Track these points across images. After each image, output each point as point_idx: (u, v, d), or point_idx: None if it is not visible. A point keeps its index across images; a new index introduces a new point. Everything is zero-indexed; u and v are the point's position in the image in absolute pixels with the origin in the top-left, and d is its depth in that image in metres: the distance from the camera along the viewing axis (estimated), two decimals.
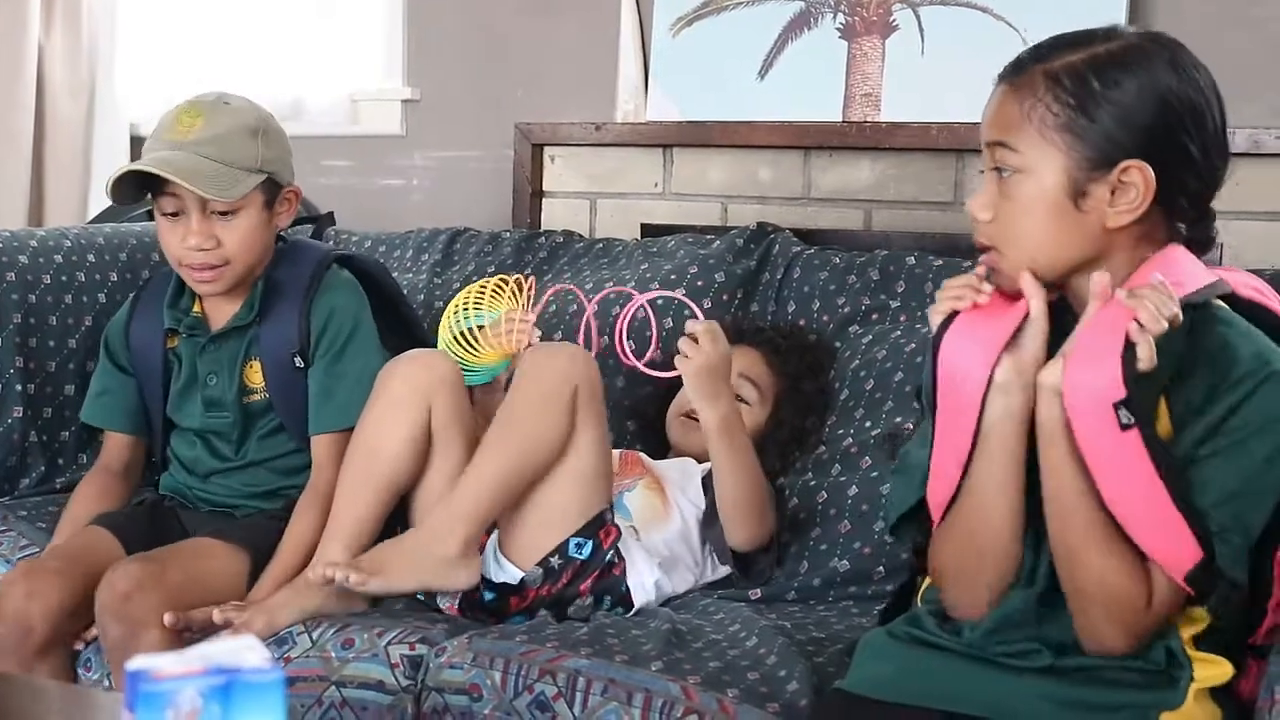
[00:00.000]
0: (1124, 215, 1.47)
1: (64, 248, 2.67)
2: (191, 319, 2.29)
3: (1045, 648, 1.52)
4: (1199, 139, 1.49)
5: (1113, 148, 1.46)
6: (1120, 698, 1.48)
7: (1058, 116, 1.46)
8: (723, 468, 2.10)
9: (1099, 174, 1.46)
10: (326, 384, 2.22)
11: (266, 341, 2.25)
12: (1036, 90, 1.47)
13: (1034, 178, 1.48)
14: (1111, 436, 1.41)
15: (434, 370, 2.09)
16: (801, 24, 2.85)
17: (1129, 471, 1.41)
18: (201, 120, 2.19)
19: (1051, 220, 1.48)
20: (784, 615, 2.06)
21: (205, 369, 2.28)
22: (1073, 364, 1.44)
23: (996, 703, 1.51)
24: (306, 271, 2.27)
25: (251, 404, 2.28)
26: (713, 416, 2.08)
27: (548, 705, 1.78)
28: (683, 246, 2.74)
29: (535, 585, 2.03)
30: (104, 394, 2.37)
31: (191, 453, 2.32)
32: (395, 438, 2.05)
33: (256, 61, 3.56)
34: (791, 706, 1.71)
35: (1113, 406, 1.40)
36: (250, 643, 1.05)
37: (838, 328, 2.52)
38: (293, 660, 1.94)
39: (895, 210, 2.76)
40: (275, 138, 2.26)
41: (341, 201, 3.32)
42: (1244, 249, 2.45)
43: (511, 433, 2.01)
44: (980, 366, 1.49)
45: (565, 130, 3.05)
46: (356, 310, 2.26)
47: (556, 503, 2.03)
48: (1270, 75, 2.48)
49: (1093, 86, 1.46)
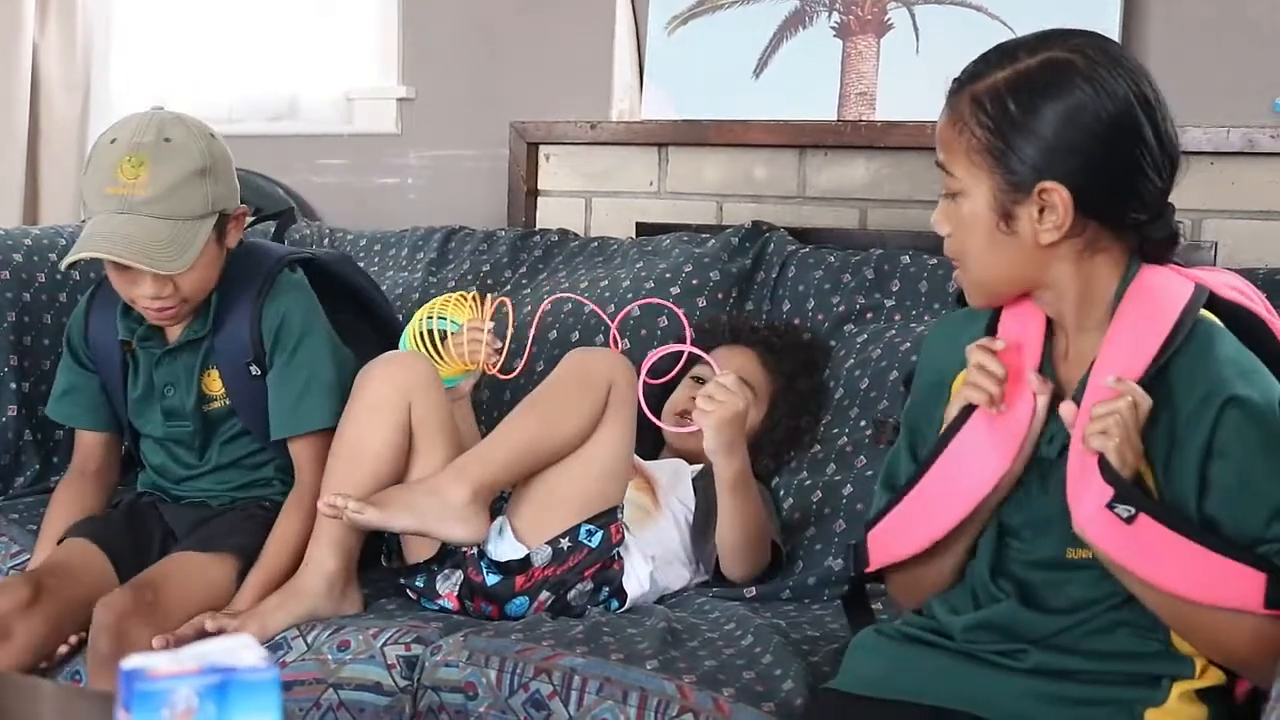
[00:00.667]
0: (1050, 234, 1.49)
1: (59, 246, 2.66)
2: (145, 330, 2.22)
3: (1031, 647, 1.53)
4: (1128, 147, 1.48)
5: (1029, 171, 1.48)
6: (1105, 694, 1.49)
7: (980, 141, 1.49)
8: (729, 517, 2.12)
9: (1021, 196, 1.49)
10: (285, 388, 2.18)
11: (221, 350, 2.21)
12: (964, 114, 1.50)
13: (969, 200, 1.51)
14: (1129, 536, 1.43)
15: (412, 370, 2.11)
16: (796, 23, 2.85)
17: (1165, 552, 1.43)
18: (145, 171, 2.06)
19: (989, 241, 1.52)
20: (779, 614, 2.07)
21: (162, 380, 2.24)
22: (1071, 503, 1.47)
23: (985, 699, 1.52)
24: (258, 277, 2.21)
25: (212, 411, 2.24)
26: (728, 470, 2.10)
27: (543, 703, 1.78)
28: (678, 245, 2.74)
29: (543, 565, 2.04)
30: (69, 392, 2.31)
31: (158, 459, 2.29)
32: (377, 439, 2.06)
33: (251, 59, 3.56)
34: (787, 706, 1.71)
35: (1107, 509, 1.43)
36: (245, 641, 1.05)
37: (833, 326, 2.52)
38: (289, 664, 1.94)
39: (890, 209, 2.76)
40: (221, 166, 2.13)
41: (336, 200, 3.33)
42: (1238, 248, 2.45)
43: (541, 406, 2.06)
44: (991, 471, 1.53)
45: (560, 129, 3.05)
46: (306, 311, 2.22)
47: (570, 487, 2.05)
48: (1265, 74, 2.48)
49: (1010, 111, 1.48)
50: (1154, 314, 1.49)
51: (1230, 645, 1.46)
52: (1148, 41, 2.47)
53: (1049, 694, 1.50)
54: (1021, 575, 1.56)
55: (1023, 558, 1.56)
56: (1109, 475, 1.42)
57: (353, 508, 1.95)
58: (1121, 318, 1.50)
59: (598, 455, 2.05)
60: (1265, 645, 1.45)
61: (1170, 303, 1.50)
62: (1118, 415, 1.42)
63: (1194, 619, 1.46)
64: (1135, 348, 1.48)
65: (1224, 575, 1.43)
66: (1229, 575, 1.43)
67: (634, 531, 2.15)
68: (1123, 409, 1.42)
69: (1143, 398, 1.44)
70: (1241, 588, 1.43)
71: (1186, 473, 1.46)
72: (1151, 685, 1.48)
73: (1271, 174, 2.44)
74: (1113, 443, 1.42)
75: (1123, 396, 1.43)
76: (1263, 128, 2.43)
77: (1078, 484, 1.47)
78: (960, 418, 1.56)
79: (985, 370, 1.53)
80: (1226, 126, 2.43)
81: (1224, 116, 2.43)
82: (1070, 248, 1.50)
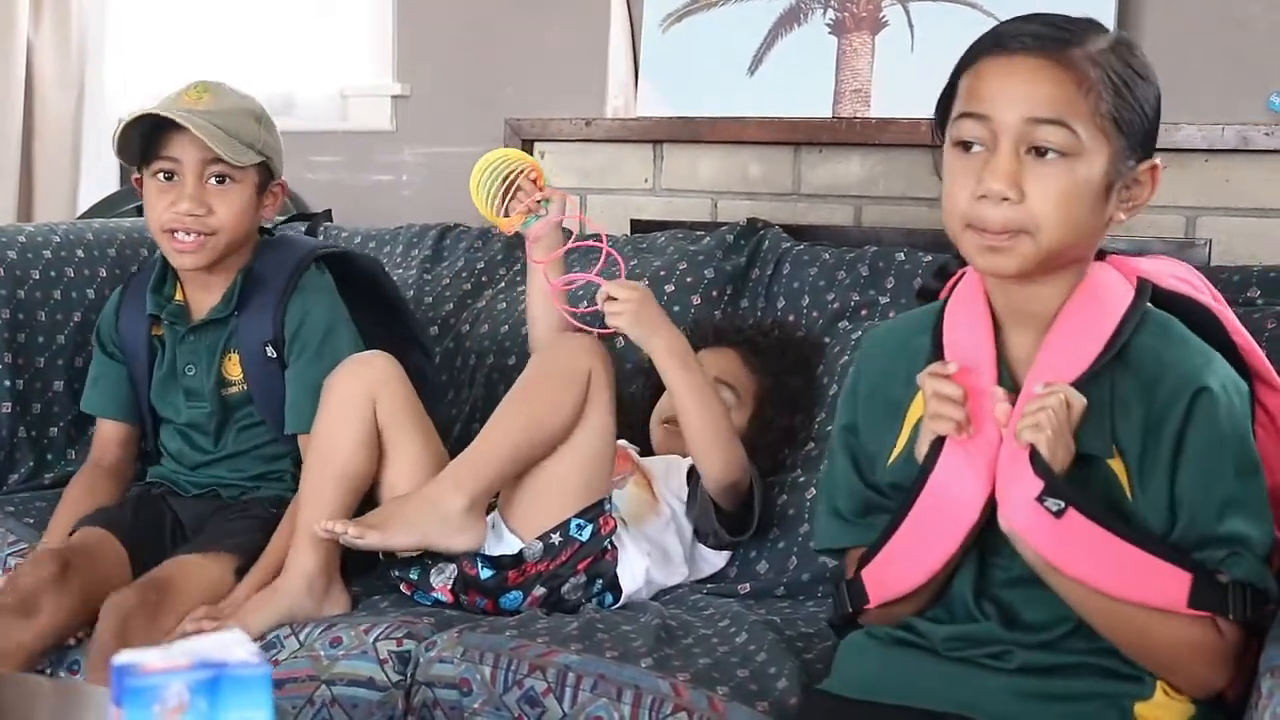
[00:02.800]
0: (1126, 213, 1.48)
1: (53, 243, 2.67)
2: (174, 306, 2.30)
3: (1017, 649, 1.52)
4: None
5: (1139, 143, 1.46)
6: (1093, 687, 1.48)
7: (1108, 104, 1.43)
8: (681, 394, 2.13)
9: (1125, 168, 1.46)
10: (302, 385, 2.22)
11: (244, 334, 2.26)
12: (1087, 74, 1.43)
13: (1085, 163, 1.44)
14: (1057, 531, 1.42)
15: (374, 368, 2.13)
16: (791, 20, 2.85)
17: (1092, 548, 1.42)
18: (209, 96, 2.23)
19: (1091, 208, 1.45)
20: (773, 611, 2.07)
21: (184, 359, 2.29)
22: (1000, 498, 1.46)
23: (973, 701, 1.51)
24: (287, 268, 2.28)
25: (230, 396, 2.29)
26: (658, 344, 2.12)
27: (537, 700, 1.78)
28: (673, 243, 2.74)
29: (535, 560, 2.05)
30: (99, 380, 2.38)
31: (175, 446, 2.34)
32: (346, 437, 2.09)
33: (247, 56, 3.56)
34: (780, 705, 1.71)
35: (1036, 502, 1.42)
36: (237, 637, 1.05)
37: (827, 323, 2.52)
38: (281, 662, 1.94)
39: (885, 206, 2.76)
40: (272, 129, 2.30)
41: (331, 197, 3.32)
42: (1232, 245, 2.45)
43: (525, 403, 2.07)
44: (975, 496, 1.49)
45: (555, 126, 3.05)
46: (330, 312, 2.27)
47: (559, 479, 2.06)
48: (1260, 72, 2.48)
49: (1132, 82, 1.45)
50: (1095, 317, 1.48)
51: (1156, 648, 1.45)
52: (1142, 38, 2.47)
53: (1037, 692, 1.49)
54: (1004, 596, 1.54)
55: (1004, 575, 1.54)
56: (1039, 468, 1.41)
57: (352, 532, 1.97)
58: (1062, 320, 1.49)
59: (585, 443, 2.07)
60: (1191, 649, 1.45)
61: (1112, 305, 1.49)
62: (1049, 410, 1.41)
63: (1121, 621, 1.45)
64: (1072, 353, 1.47)
65: (1151, 573, 1.43)
66: (1156, 574, 1.43)
67: (635, 526, 2.15)
68: (1053, 404, 1.42)
69: (1075, 398, 1.43)
70: (1167, 587, 1.43)
71: (1160, 463, 1.45)
72: (1137, 680, 1.48)
73: (1266, 171, 2.44)
74: (1044, 435, 1.41)
75: (1054, 393, 1.42)
76: (1257, 125, 2.43)
77: (1007, 480, 1.45)
78: (933, 451, 1.51)
79: (943, 397, 1.48)
80: (1221, 124, 2.43)
81: (1218, 114, 2.43)
82: (1104, 233, 1.49)
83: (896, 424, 1.59)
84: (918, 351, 1.57)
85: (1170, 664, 1.46)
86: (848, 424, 1.65)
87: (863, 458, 1.63)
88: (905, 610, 1.59)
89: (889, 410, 1.61)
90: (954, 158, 1.49)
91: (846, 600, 1.62)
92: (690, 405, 2.13)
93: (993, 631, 1.53)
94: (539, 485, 2.07)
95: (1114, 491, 1.47)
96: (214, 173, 2.21)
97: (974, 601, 1.54)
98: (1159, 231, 2.48)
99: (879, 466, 1.61)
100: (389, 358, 2.16)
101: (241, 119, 2.24)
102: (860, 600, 1.60)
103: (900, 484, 1.57)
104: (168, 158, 2.21)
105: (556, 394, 2.06)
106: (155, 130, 2.20)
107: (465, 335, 2.73)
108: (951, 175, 1.48)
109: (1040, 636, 1.51)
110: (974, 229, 1.46)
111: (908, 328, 1.63)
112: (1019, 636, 1.52)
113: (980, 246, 1.46)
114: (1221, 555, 1.44)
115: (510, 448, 2.05)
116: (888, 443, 1.60)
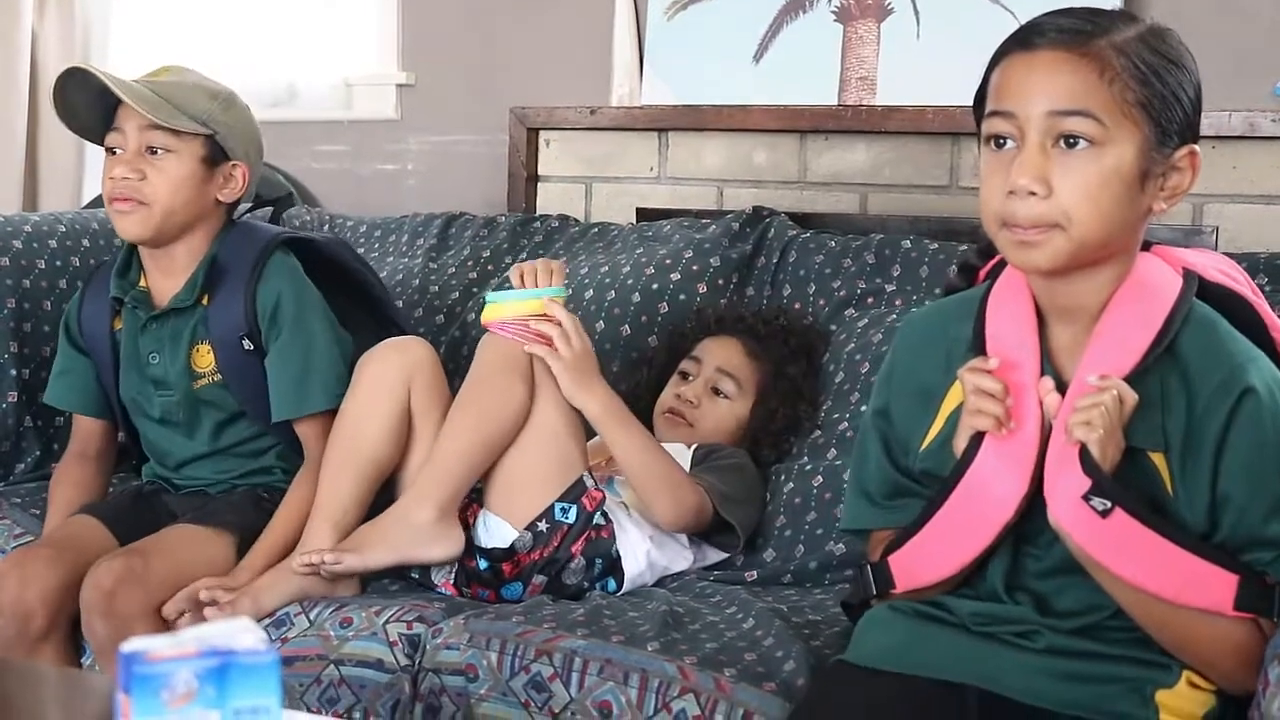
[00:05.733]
0: (1166, 201, 1.47)
1: (58, 233, 2.67)
2: (137, 292, 2.26)
3: (1047, 631, 1.52)
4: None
5: (1175, 130, 1.45)
6: (1118, 672, 1.48)
7: (1135, 92, 1.43)
8: (620, 451, 2.13)
9: (1161, 156, 1.45)
10: (285, 369, 2.20)
11: (215, 325, 2.23)
12: (1112, 63, 1.43)
13: (1114, 152, 1.43)
14: (1104, 530, 1.42)
15: (410, 354, 2.13)
16: (796, 7, 2.85)
17: (1139, 548, 1.42)
18: (168, 75, 2.24)
19: (1123, 198, 1.44)
20: (780, 598, 2.07)
21: (146, 348, 2.25)
22: (1047, 494, 1.46)
23: (998, 676, 1.51)
24: (251, 255, 2.24)
25: (200, 389, 2.25)
26: (593, 407, 2.11)
27: (544, 685, 1.79)
28: (678, 230, 2.73)
29: (525, 550, 2.05)
30: (64, 374, 2.35)
31: (156, 443, 2.31)
32: (376, 423, 2.08)
33: (251, 46, 3.55)
34: (788, 685, 1.72)
35: (1082, 500, 1.41)
36: (245, 624, 1.05)
37: (833, 311, 2.51)
38: (291, 640, 1.95)
39: (891, 194, 2.76)
40: (236, 113, 2.26)
41: (336, 186, 3.32)
42: (1239, 233, 2.45)
43: (472, 402, 2.07)
44: (1011, 495, 1.48)
45: (560, 114, 3.05)
46: (300, 292, 2.24)
47: (531, 463, 2.07)
48: (1266, 58, 2.48)
49: (1165, 64, 1.45)
50: (1144, 309, 1.48)
51: (1199, 646, 1.45)
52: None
53: (1062, 671, 1.49)
54: (1037, 586, 1.54)
55: (1038, 566, 1.53)
56: (1088, 467, 1.41)
57: (329, 559, 1.98)
58: (1112, 311, 1.48)
59: (544, 424, 2.08)
60: (1236, 650, 1.45)
61: (1161, 297, 1.48)
62: (1102, 408, 1.41)
63: (1166, 619, 1.45)
64: (1123, 346, 1.46)
65: (1197, 576, 1.43)
66: (1202, 576, 1.43)
67: (635, 512, 2.15)
68: (1107, 402, 1.41)
69: (1128, 393, 1.42)
70: (1213, 589, 1.43)
71: (1203, 461, 1.45)
72: (1163, 668, 1.48)
73: (1273, 158, 2.43)
74: (1095, 434, 1.40)
75: (1107, 390, 1.42)
76: (1264, 111, 2.42)
77: (1055, 475, 1.45)
78: (971, 446, 1.51)
79: (984, 393, 1.48)
80: (1228, 110, 2.42)
81: (1225, 100, 2.43)
82: (1143, 225, 1.48)
83: (931, 410, 1.59)
84: (957, 340, 1.57)
85: (1211, 661, 1.46)
86: (880, 408, 1.65)
87: (894, 442, 1.63)
88: (930, 594, 1.59)
89: (923, 396, 1.61)
90: (987, 155, 1.49)
91: (871, 583, 1.62)
92: (631, 461, 2.12)
93: (1026, 614, 1.53)
94: (513, 474, 2.08)
95: (1155, 486, 1.47)
96: (149, 141, 2.19)
97: (1005, 592, 1.54)
98: (1166, 219, 2.47)
99: (911, 452, 1.61)
100: (424, 343, 2.16)
101: (191, 93, 2.22)
102: (886, 585, 1.60)
103: (931, 471, 1.58)
104: (115, 129, 2.21)
105: (500, 384, 2.06)
106: (115, 110, 2.20)
107: (471, 324, 2.72)
108: (985, 172, 1.49)
109: (1073, 623, 1.51)
110: (1007, 226, 1.46)
111: (947, 315, 1.63)
112: (1053, 622, 1.52)
113: (1013, 242, 1.46)
114: (1269, 558, 1.44)
115: (466, 448, 2.05)
116: (921, 428, 1.60)
